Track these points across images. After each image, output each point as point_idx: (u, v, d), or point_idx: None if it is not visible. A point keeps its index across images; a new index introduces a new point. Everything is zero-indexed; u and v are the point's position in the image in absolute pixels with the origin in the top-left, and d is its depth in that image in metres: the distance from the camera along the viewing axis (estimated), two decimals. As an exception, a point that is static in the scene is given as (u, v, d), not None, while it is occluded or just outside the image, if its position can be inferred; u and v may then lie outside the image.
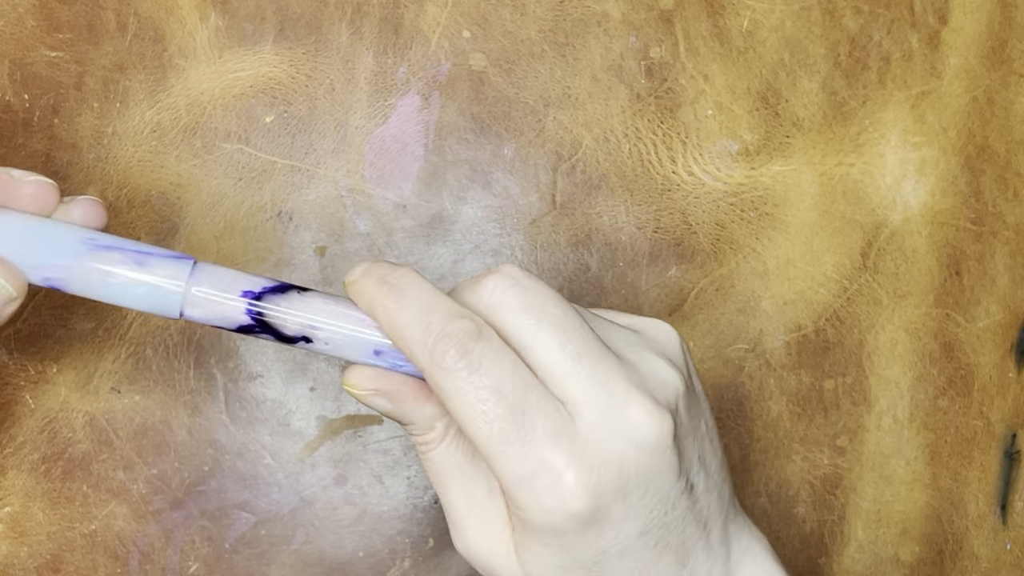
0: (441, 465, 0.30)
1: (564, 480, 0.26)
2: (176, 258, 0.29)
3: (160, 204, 0.39)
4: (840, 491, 0.42)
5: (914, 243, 0.42)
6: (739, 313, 0.41)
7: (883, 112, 0.42)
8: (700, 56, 0.41)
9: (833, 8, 0.42)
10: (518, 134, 0.40)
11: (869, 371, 0.42)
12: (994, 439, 0.43)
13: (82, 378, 0.38)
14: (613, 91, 0.41)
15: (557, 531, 0.27)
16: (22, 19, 0.38)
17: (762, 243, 0.41)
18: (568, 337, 0.27)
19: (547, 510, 0.27)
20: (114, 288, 0.28)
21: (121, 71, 0.39)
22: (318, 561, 0.39)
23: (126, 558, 0.38)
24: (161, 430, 0.39)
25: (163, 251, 0.29)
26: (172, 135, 0.39)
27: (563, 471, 0.26)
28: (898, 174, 0.42)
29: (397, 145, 0.40)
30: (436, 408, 0.30)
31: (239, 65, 0.39)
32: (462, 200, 0.40)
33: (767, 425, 0.41)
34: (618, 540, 0.28)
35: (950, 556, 0.42)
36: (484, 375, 0.27)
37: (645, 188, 0.41)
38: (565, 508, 0.27)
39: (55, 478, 0.38)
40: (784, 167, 0.42)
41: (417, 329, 0.27)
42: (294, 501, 0.39)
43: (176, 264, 0.29)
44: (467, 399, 0.27)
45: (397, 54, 0.40)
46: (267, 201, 0.39)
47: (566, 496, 0.26)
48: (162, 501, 0.38)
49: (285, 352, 0.39)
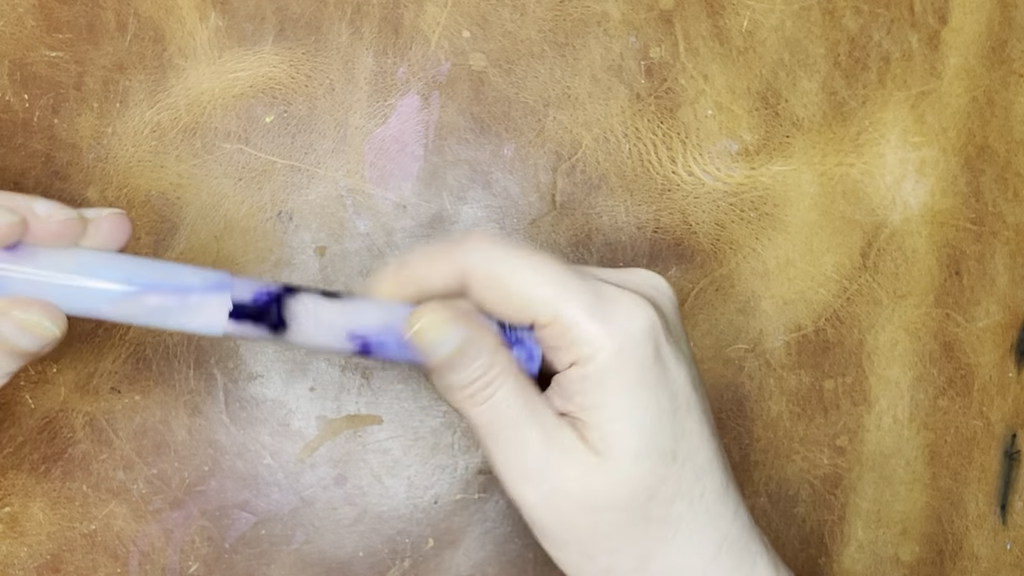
0: (509, 403, 0.29)
1: (624, 299, 0.29)
2: (216, 288, 0.29)
3: (160, 204, 0.39)
4: (840, 491, 0.42)
5: (914, 243, 0.42)
6: (739, 313, 0.41)
7: (883, 112, 0.42)
8: (700, 56, 0.41)
9: (833, 8, 0.42)
10: (518, 134, 0.40)
11: (869, 371, 0.42)
12: (994, 439, 0.43)
13: (82, 378, 0.38)
14: (613, 91, 0.41)
15: (634, 354, 0.28)
16: (22, 19, 0.38)
17: (762, 243, 0.41)
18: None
19: (622, 328, 0.28)
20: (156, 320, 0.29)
21: (121, 71, 0.39)
22: (318, 561, 0.39)
23: (126, 558, 0.38)
24: (161, 430, 0.39)
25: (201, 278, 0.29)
26: (172, 135, 0.39)
27: (619, 295, 0.29)
28: (898, 174, 0.42)
29: (397, 145, 0.40)
30: (497, 339, 0.30)
31: (239, 65, 0.39)
32: (462, 200, 0.40)
33: (767, 425, 0.41)
34: (680, 382, 0.29)
35: (950, 556, 0.42)
36: (520, 246, 0.30)
37: (645, 188, 0.41)
38: (636, 322, 0.29)
39: (55, 478, 0.38)
40: (784, 167, 0.42)
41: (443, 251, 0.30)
42: (294, 501, 0.39)
43: (216, 296, 0.29)
44: (515, 261, 0.29)
45: (397, 54, 0.40)
46: (267, 201, 0.39)
47: (632, 310, 0.29)
48: (162, 501, 0.38)
49: (285, 352, 0.39)
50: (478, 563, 0.40)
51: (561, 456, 0.29)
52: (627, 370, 0.28)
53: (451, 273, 0.29)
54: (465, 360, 0.29)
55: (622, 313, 0.29)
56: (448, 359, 0.29)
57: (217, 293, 0.29)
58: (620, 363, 0.28)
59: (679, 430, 0.29)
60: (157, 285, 0.28)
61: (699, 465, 0.30)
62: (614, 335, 0.28)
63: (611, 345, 0.28)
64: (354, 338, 0.30)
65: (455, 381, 0.30)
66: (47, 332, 0.28)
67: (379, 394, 0.40)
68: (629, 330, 0.29)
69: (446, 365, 0.29)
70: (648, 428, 0.29)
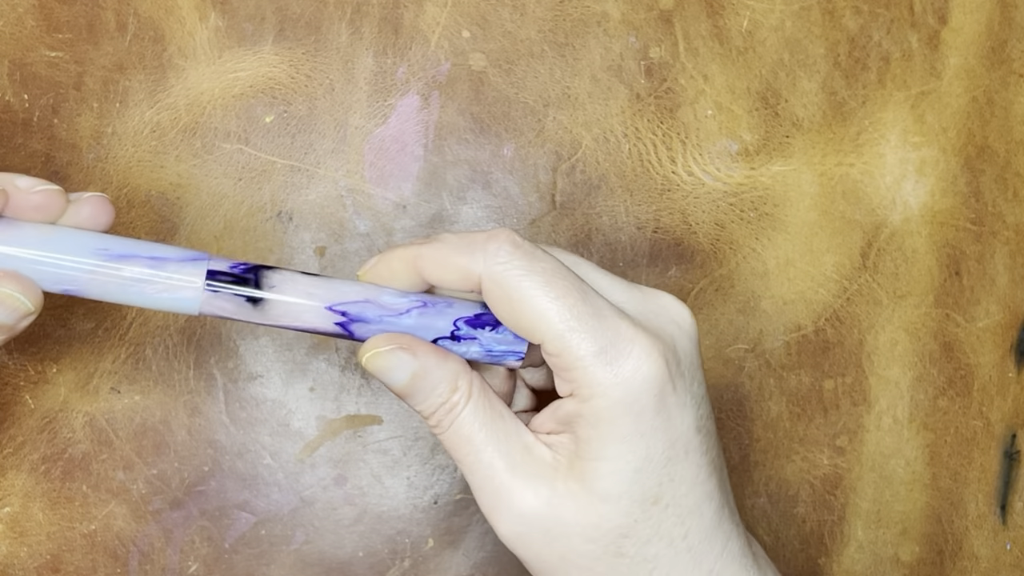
0: (471, 429, 0.29)
1: (638, 344, 0.27)
2: (192, 260, 0.29)
3: (160, 204, 0.39)
4: (840, 491, 0.42)
5: (914, 243, 0.42)
6: (739, 313, 0.41)
7: (883, 112, 0.42)
8: (700, 56, 0.41)
9: (833, 8, 0.42)
10: (518, 134, 0.40)
11: (869, 371, 0.42)
12: (994, 439, 0.43)
13: (82, 378, 0.38)
14: (613, 91, 0.41)
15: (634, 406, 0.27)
16: (22, 19, 0.38)
17: (762, 243, 0.41)
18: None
19: (626, 378, 0.27)
20: (133, 294, 0.29)
21: (121, 71, 0.39)
22: (318, 561, 0.39)
23: (126, 558, 0.38)
24: (161, 430, 0.39)
25: (178, 252, 0.29)
26: (172, 135, 0.39)
27: (634, 337, 0.28)
28: (898, 174, 0.42)
29: (397, 145, 0.40)
30: (458, 363, 0.29)
31: (239, 65, 0.39)
32: (462, 200, 0.40)
33: (767, 425, 0.41)
34: (682, 429, 0.28)
35: (950, 556, 0.42)
36: (543, 259, 0.28)
37: (645, 188, 0.41)
38: (643, 371, 0.27)
39: (55, 478, 0.38)
40: (784, 167, 0.42)
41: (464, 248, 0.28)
42: (294, 501, 0.39)
43: (192, 267, 0.29)
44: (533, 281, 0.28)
45: (397, 54, 0.40)
46: (267, 201, 0.39)
47: (642, 359, 0.27)
48: (162, 501, 0.38)
49: (285, 352, 0.39)
50: (478, 563, 0.40)
51: (526, 481, 0.28)
52: (625, 418, 0.28)
53: (467, 274, 0.29)
54: (420, 392, 0.29)
55: (632, 362, 0.28)
56: (404, 390, 0.29)
57: (194, 263, 0.29)
58: (619, 412, 0.28)
59: (667, 476, 0.28)
60: (133, 256, 0.28)
61: (686, 508, 0.29)
62: (619, 384, 0.27)
63: (614, 394, 0.27)
64: (334, 311, 0.29)
65: (417, 410, 0.30)
66: (21, 306, 0.27)
67: (379, 394, 0.40)
68: (634, 380, 0.27)
69: (404, 395, 0.29)
70: (632, 474, 0.28)
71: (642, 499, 0.28)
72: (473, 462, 0.29)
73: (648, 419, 0.28)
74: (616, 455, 0.28)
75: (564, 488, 0.28)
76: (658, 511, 0.28)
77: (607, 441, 0.28)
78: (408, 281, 0.30)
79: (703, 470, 0.29)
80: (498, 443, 0.29)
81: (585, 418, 0.28)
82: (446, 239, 0.29)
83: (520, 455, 0.29)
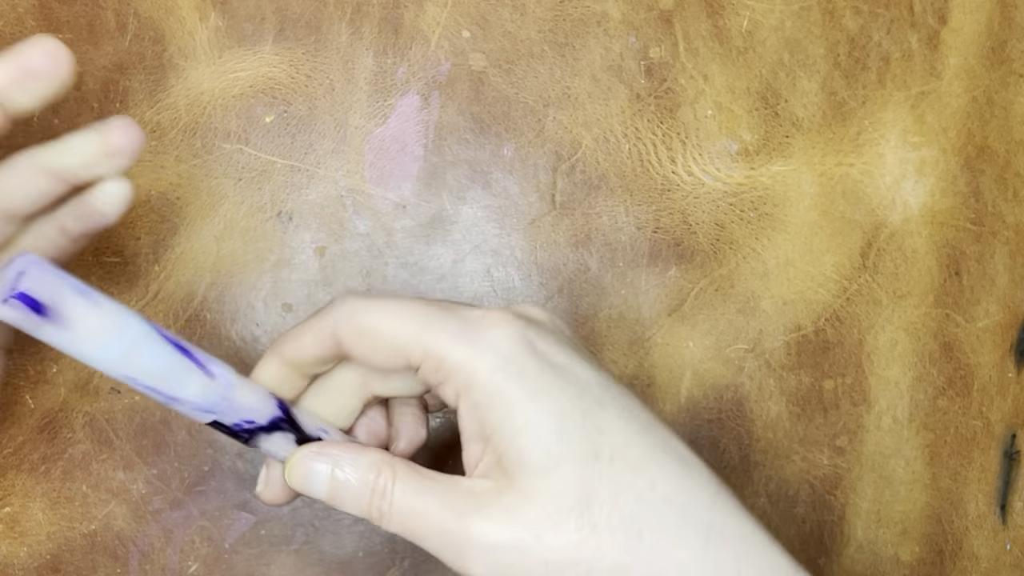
0: (411, 500, 0.29)
1: (489, 317, 0.29)
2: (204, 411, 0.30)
3: (160, 204, 0.39)
4: (840, 491, 0.42)
5: (914, 243, 0.42)
6: (739, 313, 0.41)
7: (883, 112, 0.42)
8: (700, 56, 0.41)
9: (833, 8, 0.42)
10: (518, 134, 0.40)
11: (869, 371, 0.42)
12: (994, 439, 0.43)
13: (82, 378, 0.38)
14: (613, 91, 0.41)
15: (511, 367, 0.28)
16: (22, 19, 0.38)
17: (762, 243, 0.41)
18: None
19: (491, 344, 0.28)
20: None
21: (121, 71, 0.39)
22: (318, 561, 0.39)
23: (126, 558, 0.38)
24: (161, 430, 0.39)
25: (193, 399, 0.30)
26: (172, 135, 0.39)
27: (485, 314, 0.29)
28: (898, 174, 0.42)
29: (397, 145, 0.40)
30: (376, 453, 0.30)
31: (239, 65, 0.39)
32: (462, 200, 0.40)
33: (767, 425, 0.41)
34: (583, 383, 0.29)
35: (950, 556, 0.42)
36: (382, 294, 0.31)
37: (645, 188, 0.41)
38: (505, 332, 0.28)
39: (55, 478, 0.38)
40: (784, 167, 0.42)
41: (314, 320, 0.30)
42: (294, 501, 0.39)
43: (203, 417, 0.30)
44: (378, 309, 0.29)
45: (397, 54, 0.40)
46: (267, 201, 0.39)
47: (500, 324, 0.29)
48: (162, 501, 0.38)
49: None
50: (478, 563, 0.40)
51: (478, 518, 0.28)
52: (510, 382, 0.28)
53: (323, 339, 0.30)
54: (346, 496, 0.30)
55: (491, 331, 0.28)
56: (331, 500, 0.30)
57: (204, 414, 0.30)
58: (502, 378, 0.28)
59: (594, 429, 0.28)
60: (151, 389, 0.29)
61: (635, 459, 0.28)
62: (486, 351, 0.28)
63: (485, 364, 0.28)
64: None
65: (354, 514, 0.30)
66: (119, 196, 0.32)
67: (379, 394, 0.40)
68: (500, 344, 0.28)
69: (336, 505, 0.30)
70: (553, 435, 0.27)
71: (580, 458, 0.27)
72: (425, 528, 0.29)
73: (538, 375, 0.28)
74: (524, 423, 0.27)
75: (511, 499, 0.28)
76: (604, 466, 0.28)
77: (508, 413, 0.28)
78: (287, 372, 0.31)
79: (634, 423, 0.29)
80: (440, 501, 0.29)
81: (481, 405, 0.28)
82: (293, 327, 0.31)
83: (464, 500, 0.28)
